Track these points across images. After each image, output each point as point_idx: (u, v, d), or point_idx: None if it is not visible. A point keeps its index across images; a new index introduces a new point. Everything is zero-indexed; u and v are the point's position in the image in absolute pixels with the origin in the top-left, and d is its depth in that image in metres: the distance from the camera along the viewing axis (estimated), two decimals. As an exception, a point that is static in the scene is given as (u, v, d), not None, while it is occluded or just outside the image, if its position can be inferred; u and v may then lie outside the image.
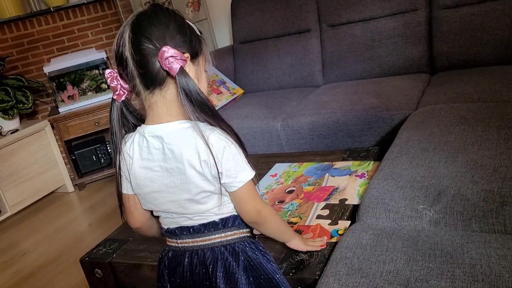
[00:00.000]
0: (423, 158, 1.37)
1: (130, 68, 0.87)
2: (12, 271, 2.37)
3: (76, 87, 3.32)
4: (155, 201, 0.97)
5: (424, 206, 1.18)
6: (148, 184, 0.95)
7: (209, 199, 0.94)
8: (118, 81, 0.91)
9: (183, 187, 0.92)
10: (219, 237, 0.98)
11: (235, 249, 0.98)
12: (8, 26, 3.27)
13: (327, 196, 1.44)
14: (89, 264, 1.42)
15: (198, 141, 0.88)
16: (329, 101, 2.23)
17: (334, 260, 1.07)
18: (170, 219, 1.00)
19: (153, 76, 0.87)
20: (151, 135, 0.91)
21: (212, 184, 0.92)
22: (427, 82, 2.24)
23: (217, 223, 0.97)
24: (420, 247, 1.02)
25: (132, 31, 0.86)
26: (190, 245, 0.99)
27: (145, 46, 0.85)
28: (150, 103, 0.90)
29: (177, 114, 0.91)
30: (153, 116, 0.92)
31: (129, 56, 0.86)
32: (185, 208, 0.95)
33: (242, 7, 2.92)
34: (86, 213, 2.96)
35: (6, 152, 2.98)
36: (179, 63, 0.85)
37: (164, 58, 0.84)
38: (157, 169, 0.93)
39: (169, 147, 0.90)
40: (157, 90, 0.88)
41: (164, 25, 0.87)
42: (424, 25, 2.35)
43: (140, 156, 0.94)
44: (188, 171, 0.90)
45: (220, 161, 0.89)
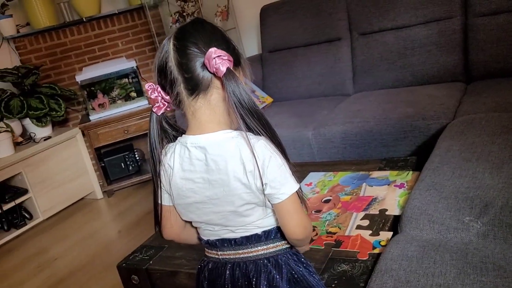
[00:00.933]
0: (466, 169, 1.34)
1: (174, 75, 0.86)
2: (44, 276, 2.39)
3: (106, 96, 3.37)
4: (197, 211, 0.95)
5: (470, 217, 1.15)
6: (190, 195, 0.93)
7: (253, 212, 0.92)
8: (159, 93, 0.91)
9: (227, 199, 0.90)
10: (262, 249, 0.96)
11: (278, 262, 0.96)
12: (42, 36, 3.35)
13: (366, 206, 1.42)
14: (125, 271, 1.42)
15: (243, 151, 0.86)
16: (362, 109, 2.20)
17: (379, 272, 1.04)
18: (211, 231, 0.98)
19: (198, 80, 0.86)
20: (194, 145, 0.90)
21: (256, 196, 0.89)
22: (463, 91, 2.20)
23: (260, 236, 0.95)
24: (470, 260, 0.99)
25: (176, 39, 0.87)
26: (232, 257, 0.97)
27: (191, 50, 0.85)
28: (193, 110, 0.89)
29: (221, 122, 0.89)
30: (196, 125, 0.90)
31: (174, 62, 0.86)
32: (228, 220, 0.93)
33: (271, 16, 2.92)
34: (115, 220, 2.99)
35: (39, 159, 3.03)
36: (226, 63, 0.84)
37: (212, 58, 0.83)
38: (199, 181, 0.91)
39: (213, 158, 0.88)
40: (201, 95, 0.87)
41: (209, 32, 0.88)
42: (459, 33, 2.31)
43: (181, 167, 0.92)
44: (233, 183, 0.88)
45: (265, 171, 0.86)
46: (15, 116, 2.98)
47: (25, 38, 3.33)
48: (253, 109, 0.86)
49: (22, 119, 3.10)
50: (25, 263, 2.59)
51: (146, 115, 3.29)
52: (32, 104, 3.04)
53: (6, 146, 2.85)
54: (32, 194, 2.96)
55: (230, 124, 0.90)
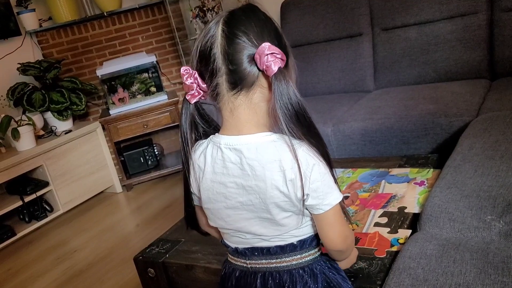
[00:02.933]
0: (489, 167, 1.30)
1: (217, 64, 0.78)
2: (64, 267, 2.43)
3: (126, 90, 3.40)
4: (228, 218, 0.88)
5: (492, 217, 1.12)
6: (221, 199, 0.86)
7: (289, 220, 0.85)
8: (195, 80, 0.83)
9: (262, 207, 0.83)
10: (297, 258, 0.90)
11: (313, 271, 0.91)
12: (64, 30, 3.39)
13: (385, 204, 1.39)
14: (142, 263, 1.43)
15: (283, 157, 0.79)
16: (382, 106, 2.17)
17: (396, 269, 1.02)
18: (242, 239, 0.91)
19: (243, 75, 0.78)
20: (228, 147, 0.83)
21: (294, 205, 0.82)
22: (487, 88, 2.15)
23: (296, 246, 0.89)
24: (491, 260, 0.96)
25: (226, 25, 0.78)
26: (264, 266, 0.91)
27: (241, 40, 0.77)
28: (233, 107, 0.81)
29: (261, 124, 0.82)
30: (233, 123, 0.83)
31: (220, 50, 0.78)
32: (262, 227, 0.87)
33: (292, 11, 2.90)
34: (134, 213, 3.01)
35: (60, 152, 3.07)
36: (279, 62, 0.76)
37: (264, 54, 0.75)
38: (232, 185, 0.84)
39: (249, 162, 0.81)
40: (243, 91, 0.79)
41: (263, 23, 0.80)
42: (485, 28, 2.25)
43: (213, 169, 0.85)
44: (270, 191, 0.81)
45: (308, 180, 0.79)
46: (37, 110, 3.02)
47: (47, 32, 3.37)
48: (301, 115, 0.78)
49: (44, 113, 3.15)
50: (45, 254, 2.63)
51: (165, 110, 3.31)
52: (54, 97, 3.08)
53: (28, 139, 2.90)
54: (53, 187, 3.01)
55: (270, 126, 0.83)
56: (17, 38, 3.25)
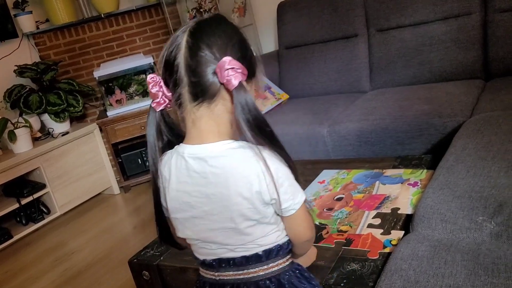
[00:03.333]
0: (481, 168, 1.31)
1: (180, 75, 0.79)
2: (61, 269, 2.43)
3: (123, 92, 3.40)
4: (195, 227, 0.88)
5: (484, 217, 1.12)
6: (187, 209, 0.86)
7: (254, 229, 0.85)
8: (161, 88, 0.84)
9: (226, 215, 0.83)
10: (263, 269, 0.90)
11: (280, 281, 0.90)
12: (61, 32, 3.39)
13: (378, 205, 1.40)
14: (137, 266, 1.43)
15: (247, 164, 0.80)
16: (378, 107, 2.18)
17: (388, 271, 1.03)
18: (208, 250, 0.90)
19: (205, 87, 0.79)
20: (192, 156, 0.83)
21: (258, 212, 0.83)
22: (481, 88, 2.16)
23: (260, 256, 0.89)
24: (482, 261, 0.97)
25: (192, 36, 0.80)
26: (231, 278, 0.91)
27: (204, 54, 0.78)
28: (195, 117, 0.82)
29: (223, 133, 0.83)
30: (195, 133, 0.83)
31: (183, 61, 0.79)
32: (227, 237, 0.86)
33: (288, 12, 2.91)
34: (131, 215, 3.02)
35: (57, 154, 3.08)
36: (239, 77, 0.78)
37: (224, 69, 0.77)
38: (196, 194, 0.84)
39: (213, 170, 0.81)
40: (205, 103, 0.80)
41: (228, 36, 0.81)
42: (479, 29, 2.26)
43: (178, 179, 0.85)
44: (234, 198, 0.81)
45: (277, 184, 0.81)
46: (34, 112, 3.03)
47: (44, 34, 3.37)
48: (261, 127, 0.80)
49: (41, 115, 3.15)
50: (43, 256, 2.64)
51: (162, 111, 3.31)
52: (51, 99, 3.09)
53: (25, 141, 2.91)
54: (50, 189, 3.01)
55: (232, 135, 0.84)
56: (14, 40, 3.26)
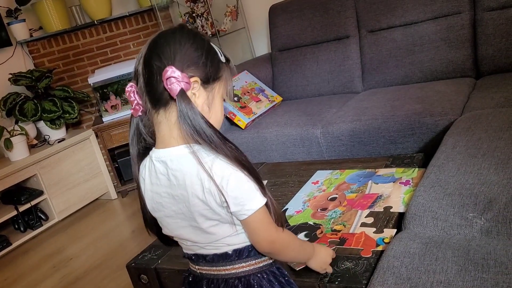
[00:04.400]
0: (472, 165, 1.33)
1: (140, 84, 0.86)
2: (60, 276, 2.44)
3: (118, 97, 3.42)
4: (169, 226, 0.94)
5: (474, 214, 1.15)
6: (160, 208, 0.92)
7: (217, 229, 0.89)
8: (134, 96, 0.89)
9: (189, 215, 0.88)
10: (233, 268, 0.93)
11: (250, 282, 0.93)
12: (55, 39, 3.41)
13: (371, 204, 1.42)
14: (135, 270, 1.45)
15: (201, 167, 0.83)
16: (370, 107, 2.20)
17: (381, 269, 1.05)
18: (185, 246, 0.97)
19: (157, 95, 0.84)
20: (157, 159, 0.88)
21: (216, 213, 0.86)
22: (472, 86, 2.18)
23: (230, 255, 0.92)
24: (472, 257, 0.99)
25: (148, 48, 0.85)
26: (207, 272, 0.96)
27: (154, 64, 0.83)
28: (156, 122, 0.87)
29: (179, 138, 0.86)
30: (159, 138, 0.89)
31: (141, 71, 0.85)
32: (196, 235, 0.91)
33: (280, 15, 2.93)
34: (129, 219, 3.03)
35: (54, 161, 3.09)
36: (180, 85, 0.81)
37: (166, 78, 0.81)
38: (165, 195, 0.90)
39: (173, 173, 0.86)
40: (161, 110, 0.85)
41: (178, 45, 0.84)
42: (468, 28, 2.29)
43: (150, 181, 0.91)
44: (191, 199, 0.85)
45: (225, 189, 0.83)
46: (29, 119, 3.04)
47: (38, 42, 3.39)
48: (202, 132, 0.82)
49: (36, 122, 3.16)
50: (41, 263, 2.65)
51: (158, 116, 3.32)
52: (46, 107, 3.10)
53: (21, 149, 2.92)
54: (48, 196, 3.02)
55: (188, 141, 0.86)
56: (8, 48, 3.27)
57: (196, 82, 0.84)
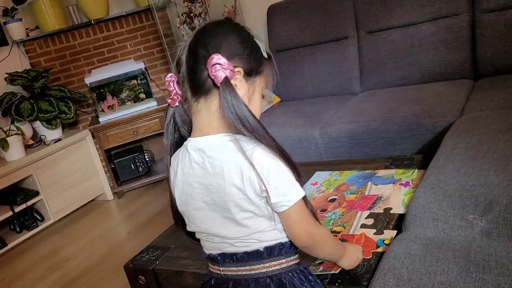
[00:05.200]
0: (471, 166, 1.33)
1: (182, 72, 0.88)
2: (56, 277, 2.42)
3: (115, 97, 3.40)
4: (197, 220, 0.92)
5: (474, 215, 1.14)
6: (190, 201, 0.91)
7: (251, 221, 0.88)
8: (173, 86, 0.91)
9: (223, 206, 0.87)
10: (264, 267, 0.91)
11: (282, 281, 0.91)
12: (51, 39, 3.39)
13: (371, 205, 1.41)
14: (132, 271, 1.44)
15: (241, 156, 0.83)
16: (368, 108, 2.20)
17: (381, 270, 1.04)
18: (212, 244, 0.94)
19: (200, 83, 0.85)
20: (193, 148, 0.88)
21: (253, 204, 0.85)
22: (470, 88, 2.18)
23: (261, 252, 0.90)
24: (473, 258, 0.99)
25: (194, 37, 0.88)
26: (234, 273, 0.93)
27: (199, 52, 0.85)
28: (194, 111, 0.89)
29: (220, 127, 0.87)
30: (197, 127, 0.89)
31: (184, 60, 0.87)
32: (225, 228, 0.89)
33: (278, 15, 2.92)
34: (125, 220, 3.01)
35: (50, 161, 3.07)
36: (226, 72, 0.82)
37: (211, 64, 0.82)
38: (197, 185, 0.89)
39: (210, 161, 0.86)
40: (202, 98, 0.86)
41: (224, 35, 0.86)
42: (467, 29, 2.29)
43: (183, 171, 0.91)
44: (228, 188, 0.84)
45: (267, 179, 0.82)
46: (25, 119, 3.02)
47: (34, 42, 3.37)
48: (246, 121, 0.83)
49: (33, 122, 3.14)
50: (37, 264, 2.63)
51: (155, 116, 3.32)
52: (42, 107, 3.08)
53: (17, 149, 2.90)
54: (43, 196, 3.00)
55: (229, 130, 0.87)
56: (4, 48, 3.25)
57: (239, 73, 0.86)
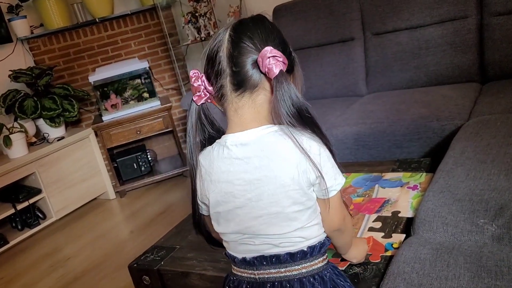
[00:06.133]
0: (481, 170, 1.31)
1: (222, 66, 0.83)
2: (57, 275, 2.41)
3: (119, 96, 3.39)
4: (237, 218, 0.88)
5: (485, 220, 1.13)
6: (230, 199, 0.87)
7: (300, 214, 0.86)
8: (202, 82, 0.87)
9: (271, 200, 0.84)
10: (307, 266, 0.89)
11: (323, 278, 0.90)
12: (56, 37, 3.38)
13: (379, 208, 1.40)
14: (137, 271, 1.42)
15: (290, 145, 0.82)
16: (375, 110, 2.18)
17: (391, 274, 1.03)
18: (251, 246, 0.90)
19: (246, 77, 0.82)
20: (235, 143, 0.85)
21: (305, 194, 0.84)
22: (478, 91, 2.17)
23: (306, 252, 0.89)
24: (485, 264, 0.97)
25: (233, 30, 0.84)
26: (273, 275, 0.90)
27: (245, 44, 0.82)
28: (236, 107, 0.85)
29: (264, 120, 0.85)
30: (238, 122, 0.86)
31: (225, 53, 0.83)
32: (271, 224, 0.86)
33: (284, 16, 2.91)
34: (127, 220, 3.00)
35: (53, 159, 3.06)
36: (280, 65, 0.80)
37: (266, 57, 0.79)
38: (239, 182, 0.85)
39: (257, 154, 0.84)
40: (247, 93, 0.84)
41: (268, 30, 0.85)
42: (475, 32, 2.28)
43: (220, 169, 0.87)
44: (280, 180, 0.83)
45: (320, 164, 0.82)
46: (29, 117, 3.01)
47: (38, 39, 3.36)
48: (304, 115, 0.82)
49: (36, 120, 3.13)
50: (39, 262, 2.62)
51: (158, 116, 3.31)
52: (46, 104, 3.07)
53: (20, 146, 2.89)
54: (46, 194, 2.99)
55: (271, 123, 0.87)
56: (9, 45, 3.24)
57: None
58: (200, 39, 3.32)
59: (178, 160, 3.59)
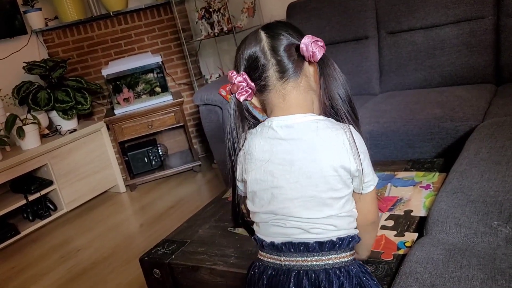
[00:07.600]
0: (496, 172, 1.30)
1: (266, 59, 0.89)
2: (67, 266, 2.43)
3: (131, 90, 3.41)
4: (272, 198, 0.91)
5: (499, 222, 1.12)
6: (269, 178, 0.90)
7: (334, 202, 0.89)
8: (245, 79, 0.92)
9: (309, 182, 0.87)
10: (334, 258, 0.91)
11: (349, 273, 0.91)
12: (70, 29, 3.40)
13: (391, 207, 1.39)
14: (148, 264, 1.43)
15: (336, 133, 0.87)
16: (388, 110, 2.17)
17: (403, 274, 1.02)
18: (281, 229, 0.92)
19: (290, 63, 0.88)
20: (280, 125, 0.90)
21: (343, 181, 0.88)
22: (493, 92, 2.14)
23: (335, 243, 0.90)
24: (498, 266, 0.96)
25: (267, 30, 0.91)
26: (299, 264, 0.91)
27: (284, 36, 0.89)
28: (284, 93, 0.90)
29: (307, 107, 0.92)
30: (284, 107, 0.91)
31: (267, 46, 0.89)
32: (306, 207, 0.89)
33: (298, 13, 2.90)
34: (137, 213, 3.02)
35: (65, 151, 3.08)
36: (322, 50, 0.88)
37: (309, 43, 0.86)
38: (279, 162, 0.89)
39: (301, 136, 0.88)
40: (291, 79, 0.89)
41: (297, 30, 0.92)
42: (491, 33, 2.25)
43: (262, 148, 0.91)
44: (319, 164, 0.87)
45: (362, 157, 0.89)
46: (42, 109, 3.04)
47: (53, 32, 3.39)
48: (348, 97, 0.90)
49: (49, 112, 3.16)
50: (49, 253, 2.64)
51: (170, 111, 3.32)
52: (59, 97, 3.09)
53: (33, 138, 2.91)
54: (57, 186, 3.02)
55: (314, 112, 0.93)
56: (23, 37, 3.27)
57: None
58: (214, 34, 3.32)
59: (188, 155, 3.60)
